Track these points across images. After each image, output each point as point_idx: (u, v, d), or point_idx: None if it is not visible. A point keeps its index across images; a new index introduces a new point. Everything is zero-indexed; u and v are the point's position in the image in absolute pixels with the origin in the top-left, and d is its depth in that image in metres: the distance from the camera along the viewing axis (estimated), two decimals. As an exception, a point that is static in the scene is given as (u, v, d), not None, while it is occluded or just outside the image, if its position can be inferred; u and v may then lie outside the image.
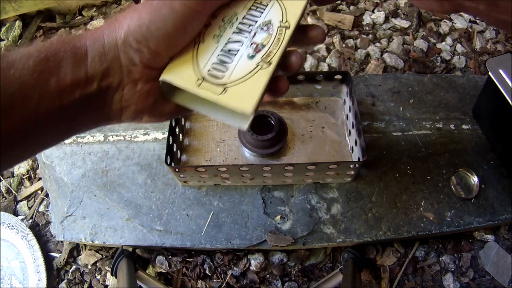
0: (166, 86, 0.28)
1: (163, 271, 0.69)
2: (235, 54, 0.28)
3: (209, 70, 0.27)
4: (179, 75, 0.27)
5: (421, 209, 0.67)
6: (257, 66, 0.27)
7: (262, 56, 0.28)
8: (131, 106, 0.27)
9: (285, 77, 0.30)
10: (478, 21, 0.99)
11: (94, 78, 0.25)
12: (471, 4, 0.26)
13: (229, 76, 0.27)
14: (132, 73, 0.26)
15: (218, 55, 0.28)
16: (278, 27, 0.29)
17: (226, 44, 0.28)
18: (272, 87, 0.29)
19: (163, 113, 0.30)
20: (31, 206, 0.78)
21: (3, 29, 0.99)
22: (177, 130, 0.69)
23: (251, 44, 0.28)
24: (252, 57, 0.28)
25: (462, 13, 1.00)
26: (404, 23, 0.96)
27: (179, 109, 0.31)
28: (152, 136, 0.76)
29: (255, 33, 0.29)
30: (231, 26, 0.29)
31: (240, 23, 0.29)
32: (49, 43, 0.24)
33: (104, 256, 0.72)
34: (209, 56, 0.28)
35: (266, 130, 0.67)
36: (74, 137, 0.77)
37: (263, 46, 0.28)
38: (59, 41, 0.25)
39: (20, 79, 0.22)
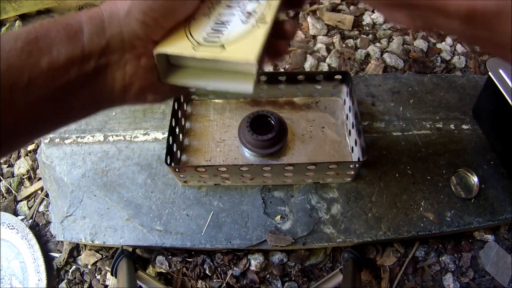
0: (162, 66, 0.27)
1: (163, 271, 0.69)
2: (229, 23, 0.28)
3: (204, 37, 0.27)
4: (174, 44, 0.26)
5: (421, 209, 0.67)
6: (253, 27, 0.28)
7: (257, 19, 0.28)
8: (135, 83, 0.26)
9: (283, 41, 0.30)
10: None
11: (92, 55, 0.24)
12: (445, 23, 0.24)
13: (226, 38, 0.27)
14: (135, 47, 0.25)
15: (211, 27, 0.28)
16: None
17: (218, 17, 0.29)
18: (272, 49, 0.29)
19: (167, 90, 0.29)
20: (31, 206, 0.78)
21: (3, 29, 0.99)
22: (177, 130, 0.69)
23: (243, 13, 0.29)
24: (246, 22, 0.28)
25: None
26: (404, 23, 0.96)
27: (181, 87, 0.30)
28: (152, 136, 0.76)
29: (245, 5, 0.29)
30: (219, 4, 0.30)
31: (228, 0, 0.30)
32: (40, 24, 0.23)
33: (104, 256, 0.72)
34: (202, 28, 0.28)
35: (266, 130, 0.67)
36: (74, 137, 0.77)
37: (255, 12, 0.29)
38: (51, 21, 0.24)
39: (7, 61, 0.21)
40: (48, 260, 0.72)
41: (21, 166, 0.83)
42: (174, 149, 0.68)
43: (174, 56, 0.27)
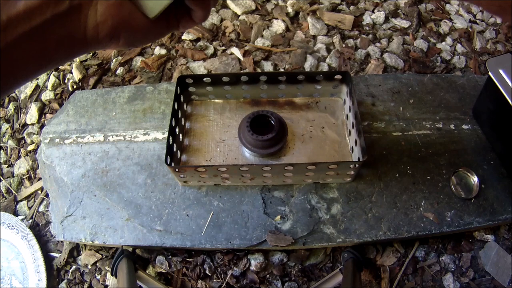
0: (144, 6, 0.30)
1: (163, 271, 0.69)
2: None
3: None
4: None
5: (421, 209, 0.67)
6: None
7: None
8: (107, 20, 0.28)
9: None
10: (478, 21, 0.99)
11: None
12: None
13: None
14: None
15: None
16: None
17: None
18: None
19: (139, 28, 0.31)
20: (31, 206, 0.78)
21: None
22: (177, 130, 0.69)
23: None
24: None
25: (462, 13, 1.00)
26: (404, 23, 0.96)
27: (153, 25, 0.32)
28: (152, 136, 0.76)
29: None
30: None
31: None
32: None
33: (104, 256, 0.72)
34: None
35: (266, 130, 0.67)
36: (74, 137, 0.77)
37: None
38: None
39: None
40: (48, 260, 0.72)
41: (21, 166, 0.83)
42: (174, 149, 0.68)
43: None
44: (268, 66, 0.90)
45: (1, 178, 0.83)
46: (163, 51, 0.93)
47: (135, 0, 0.29)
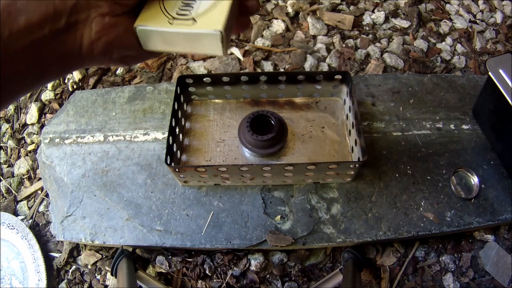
0: (142, 35, 0.32)
1: (163, 271, 0.69)
2: None
3: (177, 12, 0.32)
4: (152, 20, 0.31)
5: (421, 209, 0.67)
6: (218, 0, 0.32)
7: None
8: (101, 38, 0.29)
9: None
10: (478, 21, 0.99)
11: (63, 13, 0.27)
12: None
13: (196, 11, 0.32)
14: (100, 7, 0.29)
15: (182, 1, 0.33)
16: None
17: None
18: (243, 9, 0.34)
19: (132, 48, 0.32)
20: (31, 206, 0.78)
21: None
22: (177, 130, 0.69)
23: None
24: None
25: (462, 13, 1.00)
26: (404, 23, 0.96)
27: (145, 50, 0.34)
28: (152, 136, 0.76)
29: None
30: None
31: None
32: None
33: (104, 256, 0.72)
34: (174, 3, 0.33)
35: (266, 130, 0.67)
36: (74, 137, 0.77)
37: None
38: None
39: None
40: (48, 260, 0.72)
41: (21, 166, 0.83)
42: (174, 149, 0.68)
43: (150, 29, 0.31)
44: (268, 66, 0.90)
45: (1, 178, 0.83)
46: (163, 51, 0.93)
47: (135, 26, 0.31)
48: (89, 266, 0.71)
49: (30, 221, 0.76)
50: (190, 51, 0.33)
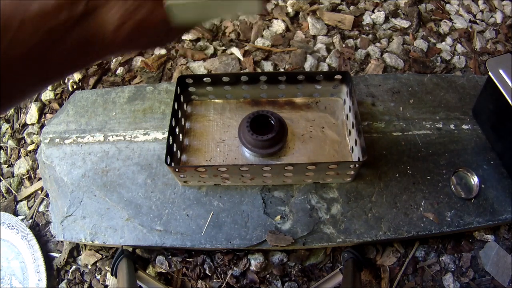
0: (175, 11, 0.28)
1: (163, 271, 0.69)
2: None
3: None
4: None
5: (421, 209, 0.67)
6: None
7: None
8: (126, 22, 0.26)
9: None
10: (478, 21, 0.99)
11: None
12: None
13: None
14: None
15: None
16: None
17: None
18: None
19: (161, 28, 0.29)
20: (31, 206, 0.78)
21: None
22: (177, 130, 0.69)
23: None
24: None
25: (462, 13, 1.00)
26: (404, 23, 0.96)
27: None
28: (152, 136, 0.76)
29: None
30: None
31: None
32: None
33: (104, 256, 0.72)
34: None
35: (266, 130, 0.67)
36: (74, 137, 0.77)
37: None
38: None
39: None
40: (48, 260, 0.72)
41: (21, 166, 0.83)
42: (174, 149, 0.68)
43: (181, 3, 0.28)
44: (268, 66, 0.90)
45: (1, 178, 0.83)
46: (163, 51, 0.93)
47: (168, 3, 0.28)
48: (89, 266, 0.71)
49: (30, 221, 0.76)
50: (224, 16, 0.30)
